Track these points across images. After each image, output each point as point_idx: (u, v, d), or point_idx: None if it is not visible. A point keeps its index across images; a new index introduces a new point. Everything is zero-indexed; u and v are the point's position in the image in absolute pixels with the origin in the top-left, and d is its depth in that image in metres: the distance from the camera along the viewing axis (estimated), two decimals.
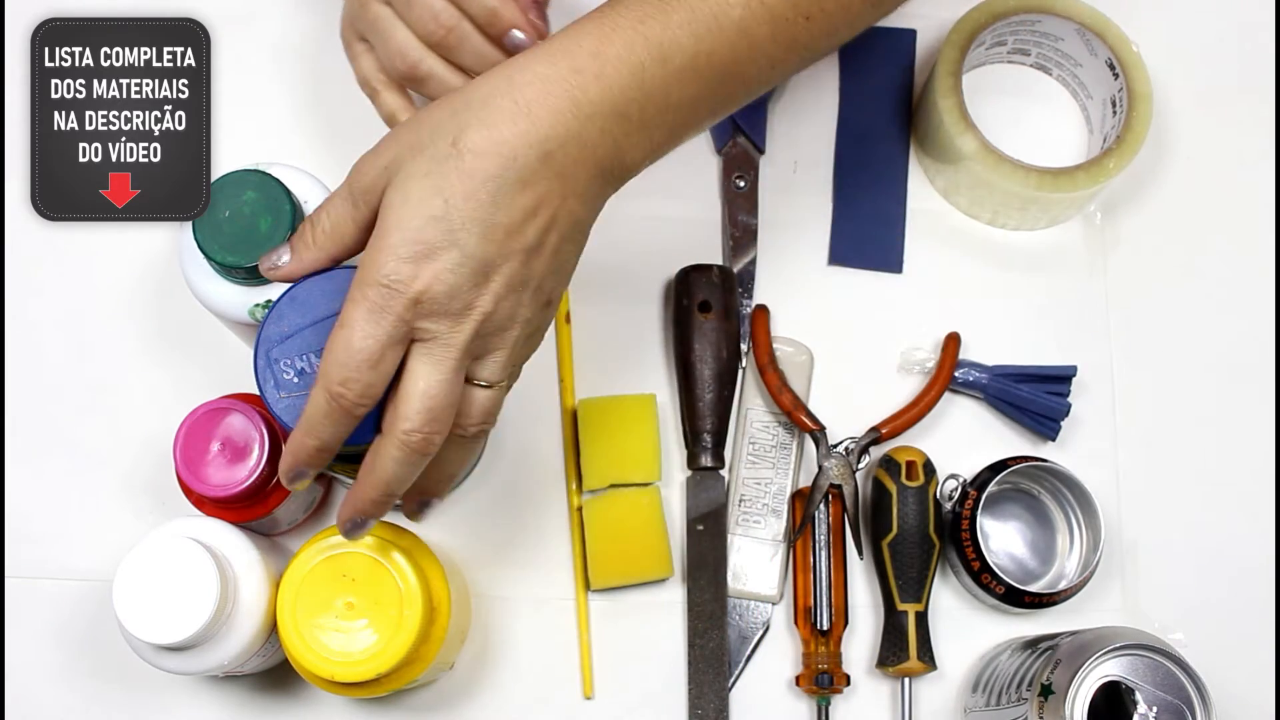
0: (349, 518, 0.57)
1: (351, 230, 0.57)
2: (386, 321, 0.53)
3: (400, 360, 0.54)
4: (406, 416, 0.54)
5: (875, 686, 0.73)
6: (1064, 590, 0.71)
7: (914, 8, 0.81)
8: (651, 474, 0.74)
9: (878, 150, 0.81)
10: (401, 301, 0.53)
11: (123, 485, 0.74)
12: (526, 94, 0.54)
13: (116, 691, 0.72)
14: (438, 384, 0.54)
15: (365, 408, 0.54)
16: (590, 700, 0.73)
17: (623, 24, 0.55)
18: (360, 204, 0.56)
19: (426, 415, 0.54)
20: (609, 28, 0.55)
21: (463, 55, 0.66)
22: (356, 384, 0.53)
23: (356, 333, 0.53)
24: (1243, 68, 0.82)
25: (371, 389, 0.54)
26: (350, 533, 0.58)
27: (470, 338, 0.54)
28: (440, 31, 0.65)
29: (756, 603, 0.74)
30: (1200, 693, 0.62)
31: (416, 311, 0.53)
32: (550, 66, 0.54)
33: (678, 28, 0.56)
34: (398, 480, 0.56)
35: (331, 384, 0.53)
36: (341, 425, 0.54)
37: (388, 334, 0.53)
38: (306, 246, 0.58)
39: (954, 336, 0.76)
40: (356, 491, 0.57)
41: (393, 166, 0.54)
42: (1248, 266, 0.80)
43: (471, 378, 0.56)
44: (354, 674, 0.61)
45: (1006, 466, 0.72)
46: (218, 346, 0.74)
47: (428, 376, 0.54)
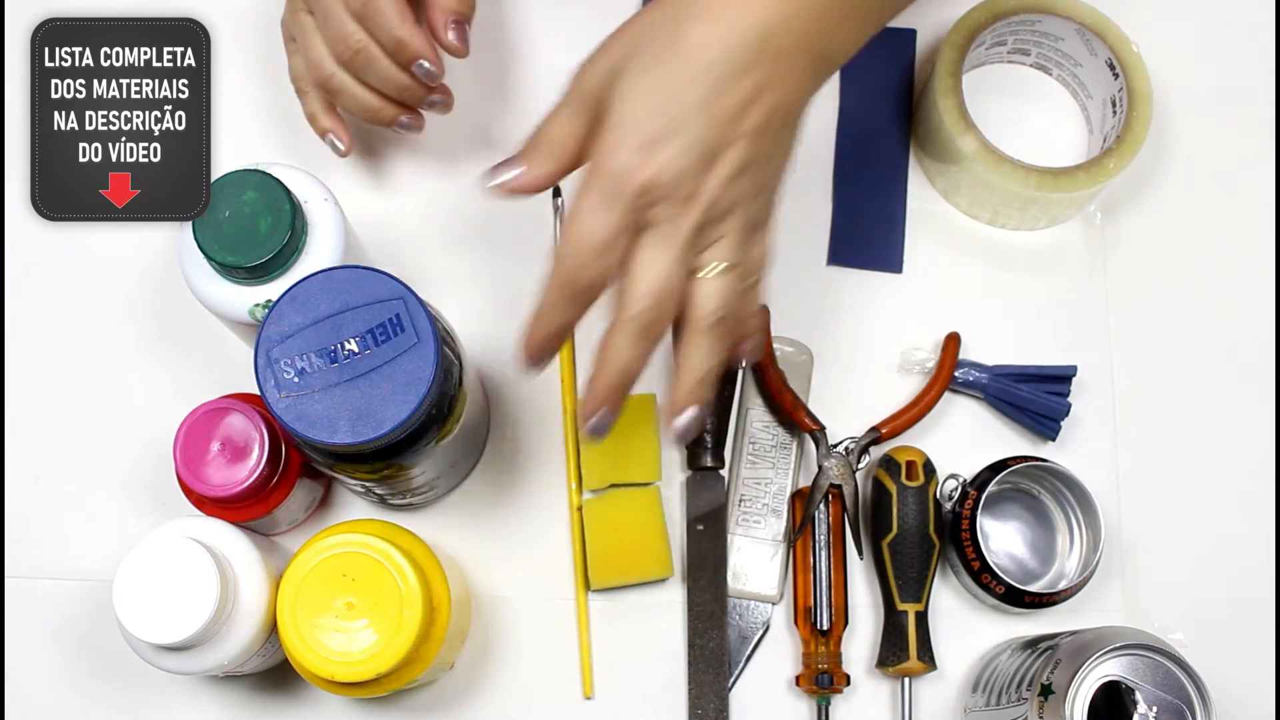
0: (592, 414, 0.58)
1: (579, 139, 0.58)
2: (616, 210, 0.55)
3: (627, 250, 0.56)
4: (634, 299, 0.56)
5: (875, 686, 0.73)
6: (1064, 590, 0.71)
7: (914, 7, 0.81)
8: (651, 474, 0.74)
9: (878, 150, 0.81)
10: (631, 190, 0.54)
11: (123, 485, 0.74)
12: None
13: (116, 691, 0.72)
14: (664, 266, 0.55)
15: (595, 294, 0.56)
16: (590, 700, 0.73)
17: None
18: (584, 112, 0.57)
19: (653, 298, 0.56)
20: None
21: (369, 76, 0.69)
22: (587, 270, 0.55)
23: (587, 222, 0.55)
24: (1243, 68, 0.82)
25: (601, 276, 0.56)
26: (595, 432, 0.59)
27: (696, 224, 0.56)
28: (348, 53, 0.68)
29: (756, 603, 0.74)
30: (1200, 693, 0.62)
31: (644, 200, 0.55)
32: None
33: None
34: (631, 364, 0.57)
35: (564, 271, 0.56)
36: (573, 310, 0.57)
37: (617, 222, 0.55)
38: (539, 159, 0.59)
39: (954, 336, 0.76)
40: (594, 389, 0.58)
41: (615, 69, 0.56)
42: (1248, 266, 0.80)
43: (699, 268, 0.57)
44: (354, 674, 0.61)
45: (1006, 466, 0.72)
46: (218, 346, 0.74)
47: (655, 261, 0.55)
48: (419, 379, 0.59)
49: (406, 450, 0.62)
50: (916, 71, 0.82)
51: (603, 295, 0.57)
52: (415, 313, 0.59)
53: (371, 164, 0.79)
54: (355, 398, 0.58)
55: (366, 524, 0.65)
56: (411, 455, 0.62)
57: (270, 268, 0.64)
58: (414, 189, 0.78)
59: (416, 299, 0.60)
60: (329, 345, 0.59)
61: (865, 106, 0.81)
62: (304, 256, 0.65)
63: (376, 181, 0.78)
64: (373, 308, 0.59)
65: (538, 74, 0.80)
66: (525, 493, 0.75)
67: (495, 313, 0.76)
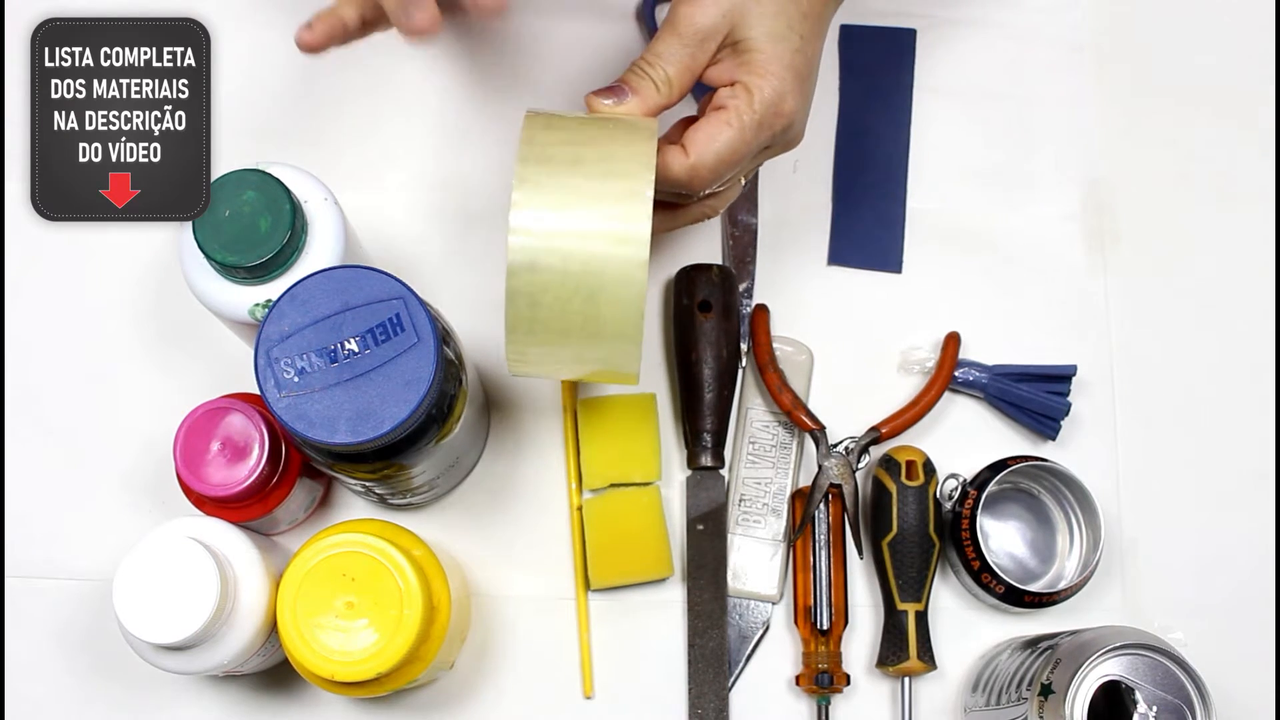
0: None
1: (690, 77, 0.61)
2: (764, 137, 0.61)
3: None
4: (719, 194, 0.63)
5: (875, 686, 0.73)
6: (1064, 590, 0.71)
7: (914, 7, 0.81)
8: (651, 474, 0.74)
9: (878, 150, 0.81)
10: (781, 122, 0.60)
11: (123, 485, 0.74)
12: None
13: (116, 691, 0.72)
14: (746, 171, 0.63)
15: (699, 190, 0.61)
16: (590, 700, 0.73)
17: None
18: (699, 52, 0.61)
19: (726, 201, 0.64)
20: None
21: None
22: (715, 179, 0.60)
23: (740, 139, 0.59)
24: (1243, 68, 0.82)
25: (715, 184, 0.61)
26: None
27: (788, 145, 0.64)
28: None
29: (756, 602, 0.74)
30: (1200, 693, 0.62)
31: (783, 128, 0.61)
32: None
33: None
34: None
35: (700, 170, 0.59)
36: (679, 187, 0.60)
37: (760, 146, 0.61)
38: (649, 93, 0.61)
39: (954, 336, 0.76)
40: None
41: (732, 13, 0.60)
42: (1248, 266, 0.80)
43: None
44: (354, 674, 0.61)
45: (1006, 466, 0.72)
46: (218, 346, 0.74)
47: (741, 173, 0.63)
48: (419, 379, 0.59)
49: (406, 450, 0.62)
50: (917, 71, 0.82)
51: None
52: (415, 312, 0.60)
53: (372, 164, 0.79)
54: (355, 397, 0.58)
55: (366, 524, 0.66)
56: (411, 455, 0.63)
57: (270, 268, 0.64)
58: (414, 189, 0.78)
59: (416, 299, 0.60)
60: (329, 345, 0.59)
61: (865, 106, 0.81)
62: (304, 256, 0.65)
63: (376, 181, 0.78)
64: (373, 307, 0.59)
65: (539, 74, 0.80)
66: (525, 493, 0.75)
67: (495, 313, 0.76)
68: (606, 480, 0.73)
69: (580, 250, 0.57)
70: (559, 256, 0.57)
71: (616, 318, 0.58)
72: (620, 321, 0.58)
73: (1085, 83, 0.81)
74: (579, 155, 0.58)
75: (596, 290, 0.57)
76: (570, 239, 0.57)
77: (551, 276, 0.57)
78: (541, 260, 0.57)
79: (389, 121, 0.79)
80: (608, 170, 0.57)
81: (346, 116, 0.79)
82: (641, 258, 0.56)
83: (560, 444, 0.75)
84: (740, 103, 0.60)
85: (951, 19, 0.80)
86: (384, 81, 0.79)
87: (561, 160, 0.57)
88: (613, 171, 0.57)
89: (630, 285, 0.57)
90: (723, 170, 0.60)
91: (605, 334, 0.58)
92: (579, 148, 0.58)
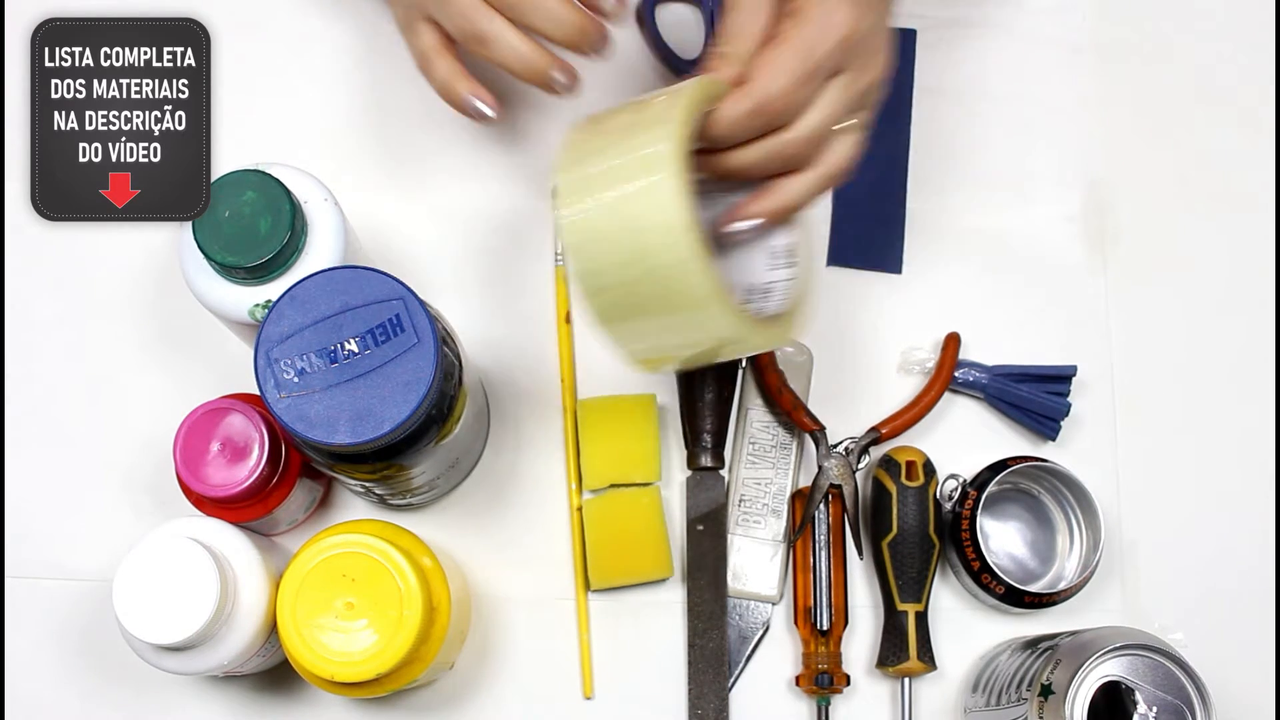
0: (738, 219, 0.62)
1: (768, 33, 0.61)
2: (822, 52, 0.59)
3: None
4: (798, 128, 0.61)
5: (875, 686, 0.73)
6: (1064, 590, 0.71)
7: (914, 7, 0.81)
8: (651, 474, 0.74)
9: (878, 150, 0.80)
10: (835, 34, 0.59)
11: (123, 485, 0.74)
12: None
13: (116, 691, 0.72)
14: (830, 111, 0.61)
15: (776, 125, 0.60)
16: (590, 700, 0.73)
17: None
18: (770, 5, 0.60)
19: (812, 134, 0.61)
20: None
21: (534, 16, 0.64)
22: (783, 100, 0.59)
23: (792, 53, 0.59)
24: (1243, 68, 0.82)
25: (792, 109, 0.60)
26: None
27: (869, 84, 0.63)
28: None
29: (756, 603, 0.74)
30: (1200, 693, 0.62)
31: (841, 42, 0.60)
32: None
33: None
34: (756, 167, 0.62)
35: (760, 94, 0.58)
36: (753, 131, 0.60)
37: (827, 65, 0.60)
38: (736, 60, 0.60)
39: (954, 336, 0.76)
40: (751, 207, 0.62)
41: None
42: (1248, 266, 0.80)
43: (843, 121, 0.63)
44: (354, 674, 0.61)
45: (1006, 466, 0.72)
46: (218, 346, 0.74)
47: (829, 103, 0.61)
48: (419, 379, 0.59)
49: (406, 450, 0.62)
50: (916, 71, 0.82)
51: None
52: (415, 313, 0.60)
53: (372, 164, 0.79)
54: (355, 398, 0.58)
55: (366, 524, 0.66)
56: (411, 455, 0.63)
57: (270, 268, 0.64)
58: (414, 189, 0.78)
59: (416, 299, 0.60)
60: (329, 345, 0.59)
61: None
62: (304, 256, 0.65)
63: (376, 181, 0.78)
64: (372, 308, 0.59)
65: None
66: (525, 493, 0.75)
67: (495, 313, 0.76)
68: (606, 480, 0.73)
69: (617, 199, 0.55)
70: (603, 213, 0.56)
71: (668, 263, 0.54)
72: (676, 267, 0.54)
73: (1085, 83, 0.81)
74: (613, 127, 0.58)
75: (642, 230, 0.55)
76: (607, 192, 0.56)
77: (601, 244, 0.56)
78: (590, 226, 0.56)
79: (389, 121, 0.79)
80: (635, 122, 0.57)
81: (346, 116, 0.79)
82: (671, 184, 0.54)
83: (560, 444, 0.75)
84: (787, 25, 0.59)
85: (951, 19, 0.80)
86: (384, 81, 0.79)
87: (597, 141, 0.58)
88: (639, 122, 0.57)
89: (665, 211, 0.54)
90: (789, 89, 0.58)
91: (670, 285, 0.55)
92: (614, 124, 0.59)
